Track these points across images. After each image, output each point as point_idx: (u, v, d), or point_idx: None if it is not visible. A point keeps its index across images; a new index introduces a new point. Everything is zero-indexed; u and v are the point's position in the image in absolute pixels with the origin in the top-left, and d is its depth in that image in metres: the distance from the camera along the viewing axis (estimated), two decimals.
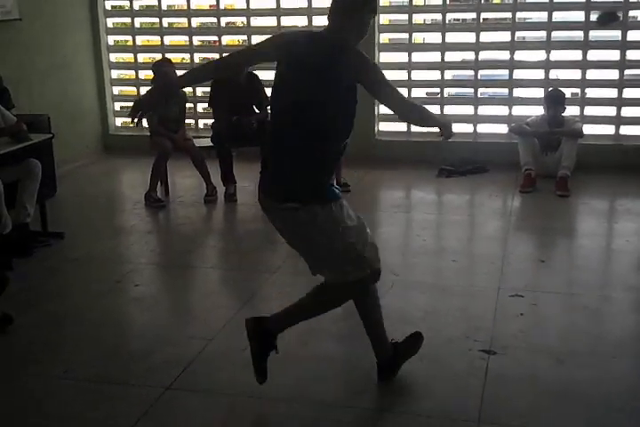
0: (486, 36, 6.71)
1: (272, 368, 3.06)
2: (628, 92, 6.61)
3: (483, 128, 6.94)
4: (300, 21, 7.15)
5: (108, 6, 7.47)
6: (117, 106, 7.78)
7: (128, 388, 2.98)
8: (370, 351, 2.98)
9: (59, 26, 6.74)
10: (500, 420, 2.66)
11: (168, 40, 7.54)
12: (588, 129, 6.36)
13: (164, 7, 7.41)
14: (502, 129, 6.83)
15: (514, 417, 2.68)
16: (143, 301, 3.93)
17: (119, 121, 7.81)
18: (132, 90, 7.75)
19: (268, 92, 6.00)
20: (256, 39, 7.21)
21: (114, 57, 7.64)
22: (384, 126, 6.98)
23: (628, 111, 6.64)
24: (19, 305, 3.71)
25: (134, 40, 7.55)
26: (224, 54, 6.78)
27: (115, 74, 7.67)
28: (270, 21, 7.18)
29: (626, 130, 6.69)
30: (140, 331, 3.63)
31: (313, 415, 2.73)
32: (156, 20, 7.48)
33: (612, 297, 3.85)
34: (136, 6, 7.48)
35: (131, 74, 7.72)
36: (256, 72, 6.11)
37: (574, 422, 2.64)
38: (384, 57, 6.90)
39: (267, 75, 6.81)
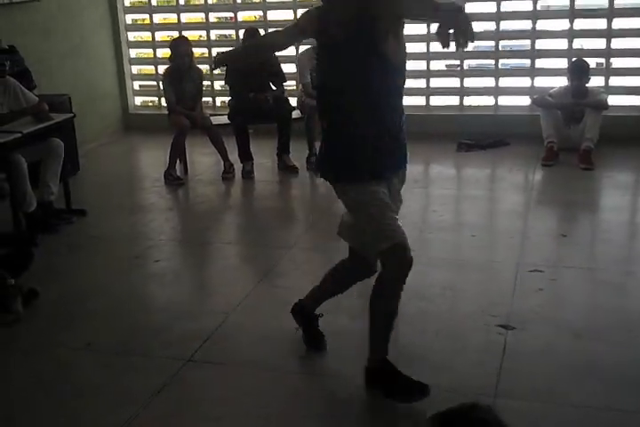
0: (507, 5, 6.57)
1: (286, 343, 3.11)
2: None
3: (504, 100, 6.83)
4: None
5: None
6: (136, 85, 7.79)
7: (149, 360, 3.03)
8: None
9: (75, 6, 6.72)
10: (516, 394, 2.65)
11: (185, 17, 7.51)
12: (614, 100, 6.22)
13: None
14: (524, 101, 6.72)
15: (529, 392, 2.66)
16: (163, 276, 3.97)
17: (139, 100, 7.82)
18: (150, 68, 7.74)
19: (285, 67, 6.10)
20: (272, 15, 7.17)
21: (132, 36, 7.62)
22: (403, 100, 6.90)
23: None
24: (44, 280, 3.77)
25: (151, 18, 7.52)
26: (240, 31, 6.86)
27: (133, 53, 7.66)
28: None
29: None
30: (160, 305, 3.67)
31: (330, 388, 2.75)
32: None
33: (635, 272, 3.78)
34: None
35: (149, 52, 7.70)
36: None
37: (590, 397, 2.62)
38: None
39: (284, 51, 6.77)
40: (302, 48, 6.46)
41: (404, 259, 2.55)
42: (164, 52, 7.12)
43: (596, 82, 6.26)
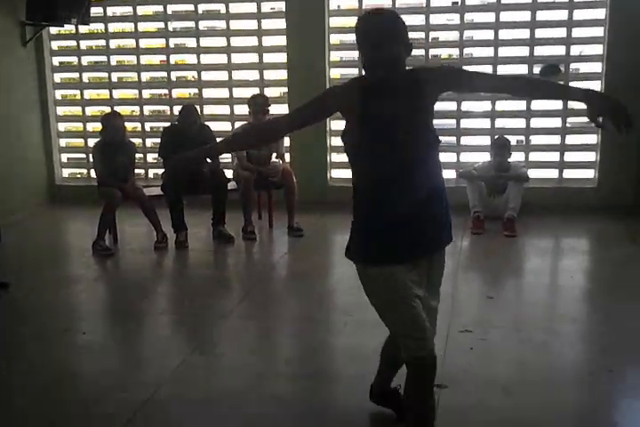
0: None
1: (222, 411, 3.06)
2: (570, 139, 6.91)
3: None
4: (252, 75, 7.32)
5: (55, 62, 7.55)
6: (64, 157, 7.79)
7: None
8: (323, 391, 2.95)
9: (4, 80, 6.76)
10: None
11: (117, 94, 7.62)
12: (533, 173, 6.59)
13: (113, 62, 7.51)
14: (451, 174, 7.02)
15: None
16: (92, 348, 3.86)
17: (66, 172, 7.80)
18: (79, 142, 7.78)
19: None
20: (207, 92, 7.36)
21: (61, 110, 7.67)
22: (336, 173, 7.11)
23: (570, 156, 6.93)
24: None
25: (82, 94, 7.61)
26: (176, 107, 7.00)
27: (62, 126, 7.69)
28: (221, 75, 7.33)
29: (568, 174, 6.96)
30: (89, 378, 3.54)
31: None
32: (105, 74, 7.56)
33: (557, 330, 3.93)
34: (84, 62, 7.57)
35: (78, 126, 7.75)
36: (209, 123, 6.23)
37: None
38: None
39: (217, 126, 6.94)
40: (238, 124, 6.64)
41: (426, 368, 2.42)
42: (95, 127, 7.18)
43: (517, 157, 6.65)
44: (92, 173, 6.86)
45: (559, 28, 6.68)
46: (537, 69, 6.74)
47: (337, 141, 6.67)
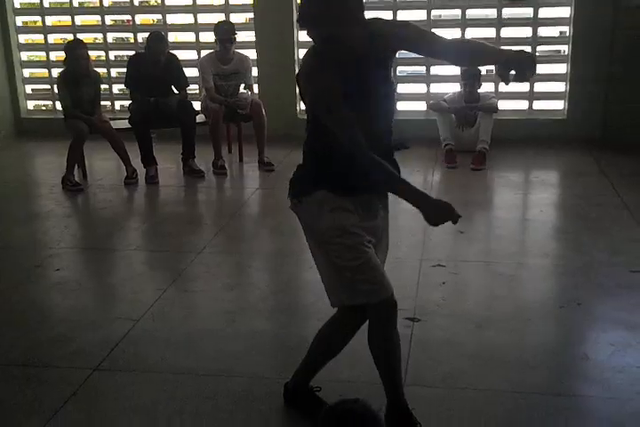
0: (403, 15, 6.79)
1: (200, 346, 3.09)
2: (541, 68, 6.80)
3: (402, 106, 7.05)
4: (216, 0, 7.09)
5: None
6: (29, 88, 7.53)
7: (54, 371, 2.93)
8: (297, 326, 3.01)
9: None
10: (425, 382, 2.76)
11: (79, 20, 7.33)
12: (503, 105, 6.56)
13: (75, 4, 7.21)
14: (420, 106, 6.97)
15: (437, 379, 2.78)
16: (65, 285, 3.84)
17: (31, 104, 7.57)
18: (43, 72, 7.51)
19: (187, 71, 6.06)
20: (171, 18, 7.12)
21: (23, 38, 7.37)
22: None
23: (540, 87, 6.88)
24: None
25: (44, 20, 7.30)
26: (140, 34, 6.75)
27: (24, 56, 7.41)
28: (185, 0, 7.08)
29: (538, 105, 6.94)
30: (63, 315, 3.54)
31: (243, 388, 2.75)
32: None
33: (527, 264, 4.01)
34: None
35: (41, 55, 7.48)
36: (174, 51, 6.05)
37: (493, 382, 2.76)
38: (304, 35, 6.85)
39: (183, 54, 6.74)
40: (204, 52, 6.46)
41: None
42: (58, 56, 6.93)
43: (486, 88, 6.58)
44: (58, 106, 6.67)
45: None
46: None
47: None
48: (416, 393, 2.58)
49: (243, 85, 6.18)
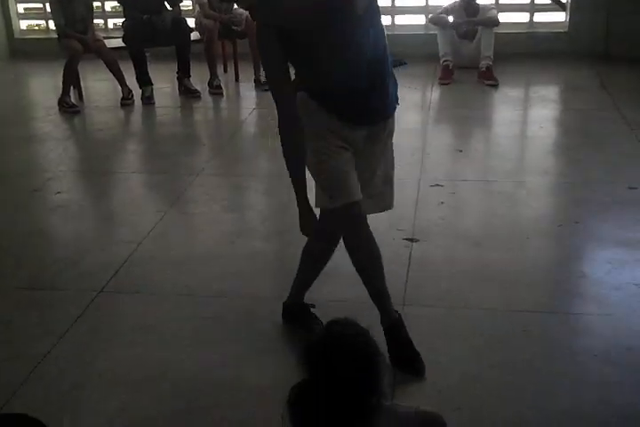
0: None
1: (200, 267, 3.14)
2: None
3: (401, 19, 6.86)
4: None
5: None
6: (21, 8, 7.31)
7: (59, 293, 2.99)
8: (296, 247, 3.06)
9: None
10: (423, 301, 2.81)
11: None
12: (503, 17, 6.36)
13: None
14: (420, 20, 6.77)
15: (435, 298, 2.83)
16: (67, 208, 3.87)
17: (24, 24, 7.36)
18: None
19: None
20: None
21: None
22: None
23: None
24: None
25: None
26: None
27: None
28: None
29: (539, 17, 6.74)
30: (66, 238, 3.59)
31: (246, 309, 2.82)
32: None
33: (527, 182, 4.01)
34: None
35: None
36: None
37: (491, 299, 2.81)
38: None
39: None
40: None
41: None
42: None
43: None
44: (51, 25, 6.49)
45: None
46: None
47: None
48: (415, 313, 2.64)
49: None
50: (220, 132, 5.20)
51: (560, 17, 6.68)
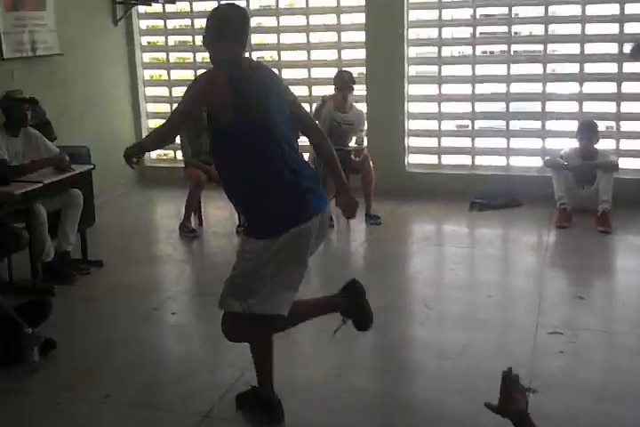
0: (517, 69, 6.69)
1: (307, 399, 3.07)
2: None
3: (515, 161, 6.91)
4: (330, 55, 7.24)
5: (144, 42, 7.66)
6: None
7: (166, 414, 3.01)
8: (404, 386, 2.95)
9: (96, 61, 6.89)
10: None
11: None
12: (624, 163, 6.30)
13: (197, 42, 7.56)
14: (535, 162, 6.79)
15: None
16: (181, 328, 3.98)
17: (154, 154, 7.93)
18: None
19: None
20: (286, 73, 7.28)
21: (149, 91, 7.79)
22: (414, 159, 7.00)
23: None
24: (62, 331, 3.76)
25: (169, 74, 7.71)
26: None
27: (150, 107, 7.82)
28: (300, 55, 7.27)
29: None
30: (177, 358, 3.66)
31: None
32: (190, 54, 7.64)
33: None
34: (171, 42, 7.66)
35: (165, 107, 7.86)
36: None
37: None
38: (413, 89, 6.91)
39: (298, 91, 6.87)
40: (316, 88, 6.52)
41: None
42: None
43: (606, 145, 6.34)
44: (179, 155, 6.97)
45: None
46: (627, 48, 6.27)
47: None
48: None
49: (354, 139, 6.20)
50: (329, 264, 5.22)
51: None
